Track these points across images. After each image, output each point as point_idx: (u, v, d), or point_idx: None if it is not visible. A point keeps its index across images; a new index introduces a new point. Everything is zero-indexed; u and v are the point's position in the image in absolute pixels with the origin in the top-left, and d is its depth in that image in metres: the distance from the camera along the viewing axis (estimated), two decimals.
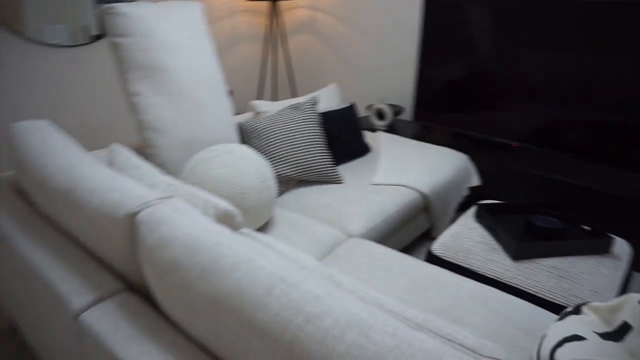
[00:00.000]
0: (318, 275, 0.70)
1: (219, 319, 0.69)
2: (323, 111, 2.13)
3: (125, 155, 1.35)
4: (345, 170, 2.06)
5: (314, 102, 1.99)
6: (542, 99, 2.41)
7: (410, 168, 2.06)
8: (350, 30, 3.38)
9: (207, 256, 0.74)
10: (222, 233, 0.80)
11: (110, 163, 1.31)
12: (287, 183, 1.85)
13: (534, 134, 2.49)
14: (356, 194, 1.82)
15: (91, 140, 2.84)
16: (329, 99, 2.35)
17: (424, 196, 1.95)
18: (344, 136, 2.13)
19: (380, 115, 2.79)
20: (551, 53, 2.33)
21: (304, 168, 1.84)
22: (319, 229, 1.59)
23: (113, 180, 1.00)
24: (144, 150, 1.62)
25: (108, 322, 0.83)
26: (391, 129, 2.79)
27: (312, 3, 3.55)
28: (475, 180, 2.33)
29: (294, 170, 1.83)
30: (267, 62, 3.71)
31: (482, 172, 2.41)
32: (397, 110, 2.92)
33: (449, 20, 2.62)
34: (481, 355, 0.69)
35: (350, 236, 1.62)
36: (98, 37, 2.66)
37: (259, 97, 3.77)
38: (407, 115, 3.19)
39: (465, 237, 1.59)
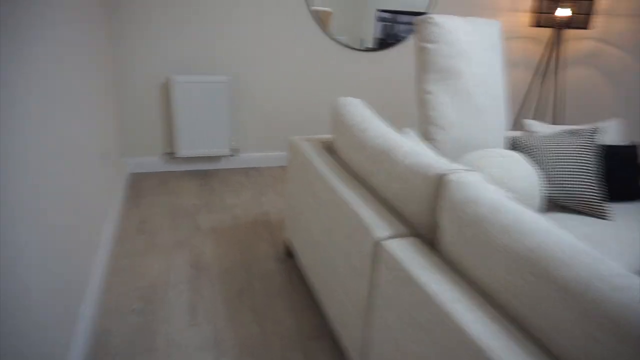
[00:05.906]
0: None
1: (514, 268, 0.82)
2: (601, 144, 2.02)
3: (416, 139, 1.60)
4: (613, 208, 1.92)
5: (595, 131, 1.92)
6: None
7: None
8: None
9: (511, 217, 0.87)
10: (517, 204, 0.92)
11: None
12: (547, 204, 1.84)
13: None
14: (623, 233, 1.69)
15: None
16: (609, 133, 2.20)
17: None
18: (619, 174, 1.98)
19: None
20: None
21: (570, 194, 1.80)
22: None
23: (421, 149, 1.23)
24: (423, 141, 1.85)
25: (404, 253, 1.04)
26: None
27: (601, 35, 3.32)
28: None
29: (559, 194, 1.81)
30: (534, 89, 3.63)
31: None
32: None
33: None
34: None
35: None
36: (369, 49, 3.18)
37: (516, 122, 3.73)
38: None
39: None
